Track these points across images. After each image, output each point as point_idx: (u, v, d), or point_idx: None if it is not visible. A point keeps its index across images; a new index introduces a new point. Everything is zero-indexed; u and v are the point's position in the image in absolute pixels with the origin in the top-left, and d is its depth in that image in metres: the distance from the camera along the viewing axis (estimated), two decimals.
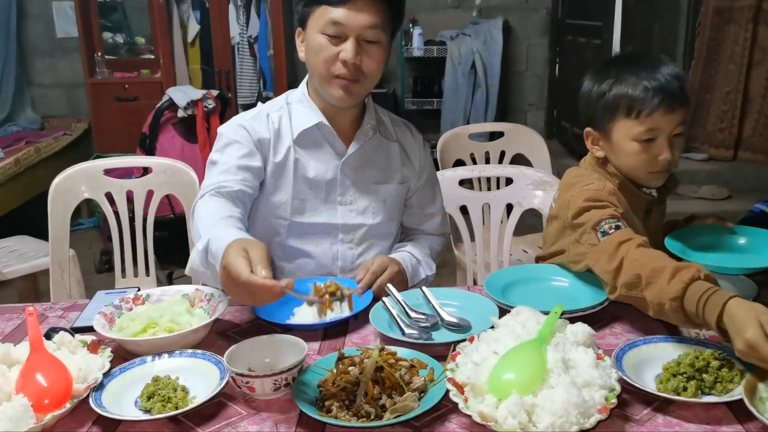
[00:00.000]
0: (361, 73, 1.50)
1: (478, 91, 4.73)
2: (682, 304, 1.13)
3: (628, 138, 1.41)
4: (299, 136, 1.59)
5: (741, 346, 1.02)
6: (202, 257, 1.27)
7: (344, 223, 1.61)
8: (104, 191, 2.29)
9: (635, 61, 1.44)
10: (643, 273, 1.21)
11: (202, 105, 3.56)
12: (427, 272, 1.65)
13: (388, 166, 1.67)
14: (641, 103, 1.37)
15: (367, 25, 1.46)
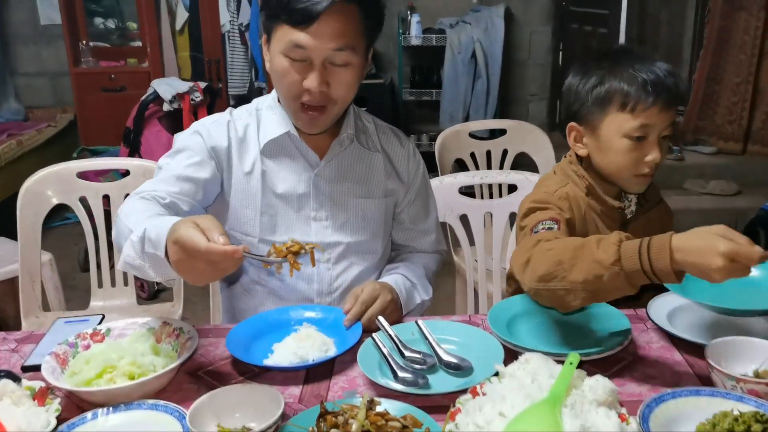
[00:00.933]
0: (329, 100, 1.35)
1: (479, 82, 4.55)
2: (621, 267, 1.05)
3: (619, 133, 1.34)
4: (266, 145, 1.44)
5: (721, 262, 0.97)
6: (137, 248, 1.14)
7: (319, 240, 1.46)
8: (78, 195, 2.14)
9: (628, 54, 1.37)
10: (564, 257, 1.11)
11: (188, 98, 3.39)
12: (423, 296, 1.49)
13: (369, 178, 1.51)
14: (637, 97, 1.31)
15: (334, 48, 1.30)
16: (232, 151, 1.44)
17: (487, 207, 1.98)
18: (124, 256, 1.16)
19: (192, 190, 1.38)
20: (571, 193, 1.41)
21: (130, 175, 2.14)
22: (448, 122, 4.58)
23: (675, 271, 1.02)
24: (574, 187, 1.42)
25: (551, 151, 2.67)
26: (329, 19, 1.27)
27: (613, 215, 1.43)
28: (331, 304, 1.48)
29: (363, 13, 1.32)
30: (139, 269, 1.15)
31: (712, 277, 1.00)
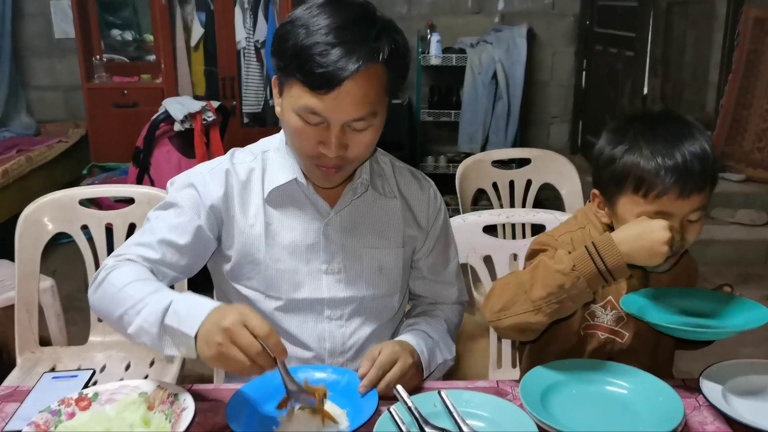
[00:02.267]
0: (346, 160, 1.23)
1: (499, 103, 4.42)
2: (578, 272, 1.14)
3: (634, 215, 1.23)
4: (271, 193, 1.31)
5: (667, 234, 1.13)
6: (158, 317, 1.07)
7: (331, 296, 1.33)
8: (80, 224, 2.03)
9: (655, 127, 1.24)
10: (522, 279, 1.19)
11: (200, 118, 3.28)
12: (446, 355, 1.36)
13: (386, 226, 1.38)
14: (651, 182, 1.20)
15: (355, 118, 1.17)
16: (232, 202, 1.31)
17: (513, 248, 1.84)
18: (139, 320, 1.09)
19: (173, 258, 1.26)
20: (580, 236, 1.32)
21: (134, 203, 2.04)
22: (467, 144, 4.46)
23: (626, 263, 1.14)
24: (593, 231, 1.33)
25: (578, 182, 2.54)
26: (352, 84, 1.12)
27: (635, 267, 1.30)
28: (344, 364, 1.35)
29: (389, 72, 1.18)
30: (151, 337, 1.09)
31: (660, 252, 1.13)
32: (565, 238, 1.33)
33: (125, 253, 1.23)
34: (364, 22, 1.15)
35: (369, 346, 1.35)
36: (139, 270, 1.19)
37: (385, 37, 1.16)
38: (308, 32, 1.13)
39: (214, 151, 3.39)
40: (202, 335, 1.02)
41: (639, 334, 1.33)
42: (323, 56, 1.11)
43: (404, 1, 4.77)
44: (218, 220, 1.31)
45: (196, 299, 1.08)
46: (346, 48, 1.11)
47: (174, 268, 1.27)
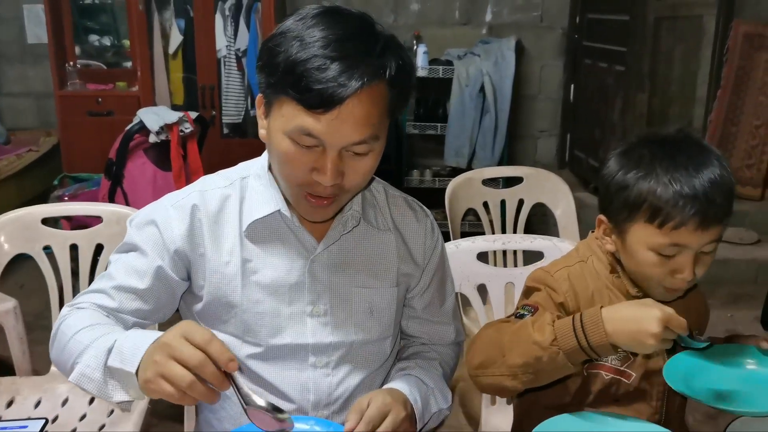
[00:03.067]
0: (341, 190, 1.09)
1: (487, 116, 4.32)
2: (559, 346, 1.06)
3: (645, 246, 1.15)
4: (252, 226, 1.17)
5: (658, 328, 1.01)
6: (101, 359, 0.97)
7: (316, 341, 1.19)
8: (42, 244, 1.89)
9: (672, 152, 1.15)
10: (502, 340, 1.13)
11: (177, 129, 3.13)
12: (441, 404, 1.23)
13: (379, 263, 1.24)
14: (668, 212, 1.11)
15: (355, 141, 1.03)
16: (200, 239, 1.17)
17: (509, 276, 1.72)
18: (81, 366, 0.99)
19: (133, 305, 1.15)
20: (579, 271, 1.24)
21: (102, 222, 1.90)
22: (454, 158, 4.36)
23: (611, 343, 1.05)
24: (597, 263, 1.24)
25: (572, 202, 2.44)
26: (354, 103, 0.99)
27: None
28: (329, 418, 1.21)
29: (393, 92, 1.05)
30: (95, 384, 0.98)
31: (645, 344, 1.03)
32: (562, 274, 1.23)
33: (80, 302, 1.14)
34: (366, 35, 1.03)
35: (357, 396, 1.21)
36: (92, 315, 1.08)
37: (390, 54, 1.03)
38: (303, 44, 0.99)
39: (191, 163, 3.25)
40: (142, 365, 0.91)
41: (648, 375, 1.23)
42: (322, 71, 0.97)
43: (390, 11, 4.66)
44: (184, 261, 1.17)
45: (144, 334, 0.97)
46: (348, 63, 0.98)
47: (136, 315, 1.15)
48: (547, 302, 1.21)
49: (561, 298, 1.21)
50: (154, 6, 4.18)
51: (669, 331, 1.02)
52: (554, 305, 1.21)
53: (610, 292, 1.23)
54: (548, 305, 1.20)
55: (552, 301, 1.21)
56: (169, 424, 2.51)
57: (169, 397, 0.87)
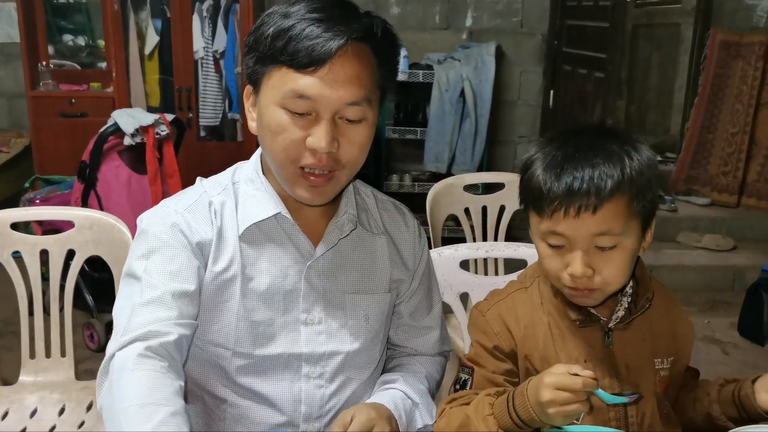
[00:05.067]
0: (337, 164, 1.06)
1: (467, 121, 4.31)
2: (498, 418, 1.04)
3: (537, 235, 1.10)
4: (248, 230, 1.13)
5: (548, 394, 0.96)
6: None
7: (310, 351, 1.15)
8: (10, 250, 1.82)
9: (568, 140, 1.08)
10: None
11: (153, 131, 3.06)
12: (426, 420, 1.19)
13: (373, 268, 1.21)
14: (540, 197, 1.05)
15: (349, 101, 1.02)
16: (214, 244, 1.11)
17: (492, 285, 1.66)
18: None
19: (189, 310, 1.05)
20: (512, 303, 1.18)
21: (74, 227, 1.83)
22: (433, 163, 4.34)
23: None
24: (543, 285, 1.18)
25: None
26: (343, 61, 1.01)
27: (589, 326, 1.15)
28: (320, 430, 1.17)
29: (378, 59, 1.06)
30: None
31: (549, 415, 0.97)
32: (493, 313, 1.18)
33: (132, 329, 0.98)
34: (349, 6, 1.06)
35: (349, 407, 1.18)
36: (149, 380, 0.93)
37: (374, 19, 1.06)
38: (289, 16, 1.03)
39: (167, 166, 3.18)
40: None
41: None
42: (309, 31, 1.00)
43: None
44: (203, 265, 1.11)
45: None
46: (334, 22, 1.01)
47: (191, 320, 1.05)
48: (480, 354, 1.18)
49: (494, 341, 1.16)
50: (130, 6, 4.11)
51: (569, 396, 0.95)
52: (487, 353, 1.16)
53: (551, 318, 1.16)
54: (482, 358, 1.17)
55: (485, 350, 1.17)
56: None
57: None
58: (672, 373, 1.19)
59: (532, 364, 1.15)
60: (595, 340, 1.15)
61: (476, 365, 1.17)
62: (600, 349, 1.14)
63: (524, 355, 1.16)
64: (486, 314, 1.18)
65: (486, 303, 1.22)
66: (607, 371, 1.14)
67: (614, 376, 1.14)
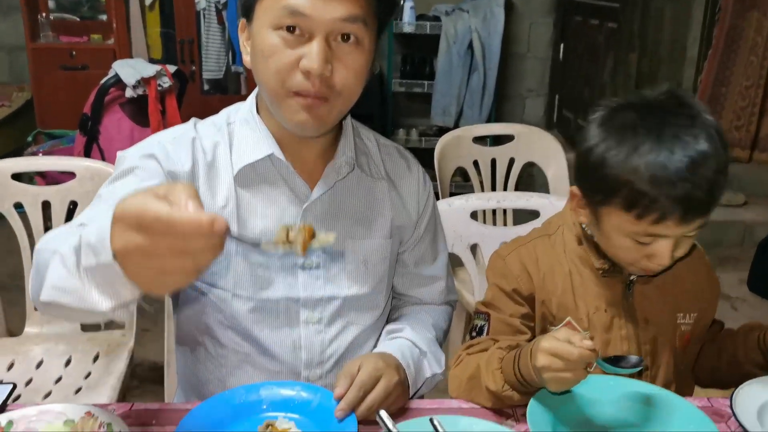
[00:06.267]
0: (331, 89, 1.01)
1: (475, 75, 4.22)
2: (511, 387, 1.01)
3: (621, 233, 1.03)
4: (242, 172, 1.10)
5: (543, 360, 0.92)
6: (70, 262, 0.76)
7: (308, 296, 1.13)
8: (13, 201, 1.79)
9: (661, 127, 0.98)
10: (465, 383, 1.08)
11: (155, 83, 3.01)
12: (435, 369, 1.17)
13: (372, 213, 1.18)
14: (647, 206, 0.97)
15: (342, 17, 0.98)
16: (198, 178, 1.09)
17: (503, 236, 1.65)
18: (51, 278, 0.78)
19: None
20: (533, 249, 1.17)
21: (76, 178, 1.80)
22: (441, 117, 4.27)
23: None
24: (567, 233, 1.15)
25: (564, 162, 2.36)
26: None
27: (610, 275, 1.13)
28: (322, 376, 1.15)
29: None
30: (74, 294, 0.76)
31: (544, 380, 0.94)
32: (513, 257, 1.16)
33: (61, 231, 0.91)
34: None
35: (351, 354, 1.16)
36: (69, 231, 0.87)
37: None
38: None
39: (170, 120, 3.13)
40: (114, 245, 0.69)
41: None
42: None
43: None
44: None
45: (106, 218, 0.72)
46: None
47: None
48: (498, 297, 1.16)
49: (513, 284, 1.14)
50: None
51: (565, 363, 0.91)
52: (506, 296, 1.15)
53: (573, 266, 1.14)
54: (500, 301, 1.15)
55: (503, 293, 1.15)
56: (149, 386, 2.45)
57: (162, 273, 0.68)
58: (694, 329, 1.17)
59: (549, 310, 1.14)
60: (616, 291, 1.13)
61: (493, 310, 1.16)
62: (620, 300, 1.13)
63: (542, 300, 1.14)
64: (506, 258, 1.17)
65: (507, 248, 1.20)
66: (625, 322, 1.12)
67: (632, 328, 1.12)
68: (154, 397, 2.34)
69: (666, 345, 1.14)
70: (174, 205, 0.66)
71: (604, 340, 1.12)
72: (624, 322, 1.12)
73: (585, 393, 1.02)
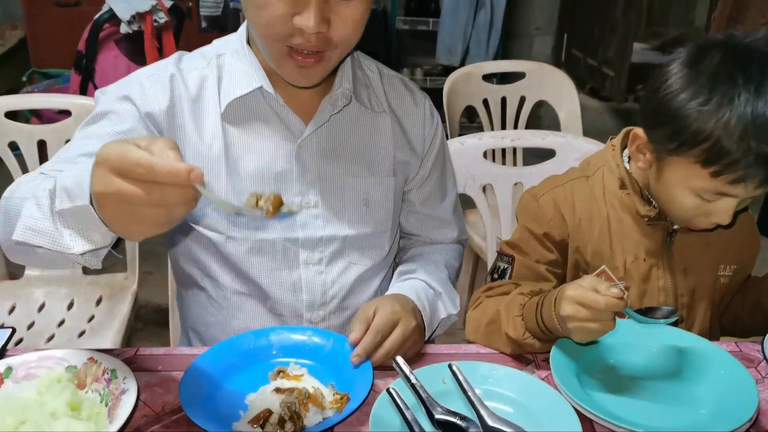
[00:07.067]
0: (328, 44, 0.95)
1: (481, 12, 4.07)
2: (533, 335, 0.96)
3: (686, 187, 0.96)
4: (230, 107, 1.04)
5: (568, 309, 0.87)
6: (44, 205, 0.77)
7: (307, 236, 1.08)
8: (7, 140, 1.73)
9: (760, 78, 0.88)
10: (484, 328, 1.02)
11: (150, 19, 2.89)
12: (450, 310, 1.12)
13: (374, 149, 1.12)
14: (730, 165, 0.89)
15: None
16: (179, 116, 1.03)
17: (517, 176, 1.59)
18: (24, 219, 0.78)
19: None
20: (570, 192, 1.09)
21: (71, 117, 1.74)
22: (446, 56, 4.14)
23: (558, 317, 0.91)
24: (608, 175, 1.08)
25: (576, 101, 2.28)
26: None
27: (652, 222, 1.07)
28: (325, 318, 1.12)
29: None
30: (47, 236, 0.77)
31: (569, 330, 0.89)
32: (547, 200, 1.10)
33: (32, 177, 0.92)
34: None
35: (354, 295, 1.12)
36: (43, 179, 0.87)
37: None
38: None
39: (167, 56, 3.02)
40: (93, 188, 0.70)
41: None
42: None
43: None
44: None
45: (83, 164, 0.76)
46: None
47: None
48: (527, 241, 1.10)
49: (544, 228, 1.09)
50: None
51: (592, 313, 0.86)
52: (535, 240, 1.10)
53: (612, 211, 1.08)
54: (528, 244, 1.10)
55: (533, 237, 1.10)
56: (154, 329, 2.44)
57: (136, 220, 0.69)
58: (732, 282, 1.13)
59: (583, 258, 1.09)
60: (656, 239, 1.07)
61: (518, 253, 1.11)
62: (660, 249, 1.07)
63: (576, 246, 1.09)
64: (540, 199, 1.11)
65: (541, 188, 1.14)
66: (663, 273, 1.08)
67: (670, 278, 1.08)
68: (159, 340, 2.33)
69: (704, 297, 1.10)
70: (155, 155, 0.67)
71: (640, 291, 1.07)
72: (662, 273, 1.07)
73: (611, 340, 0.97)
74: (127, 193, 0.66)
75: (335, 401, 0.86)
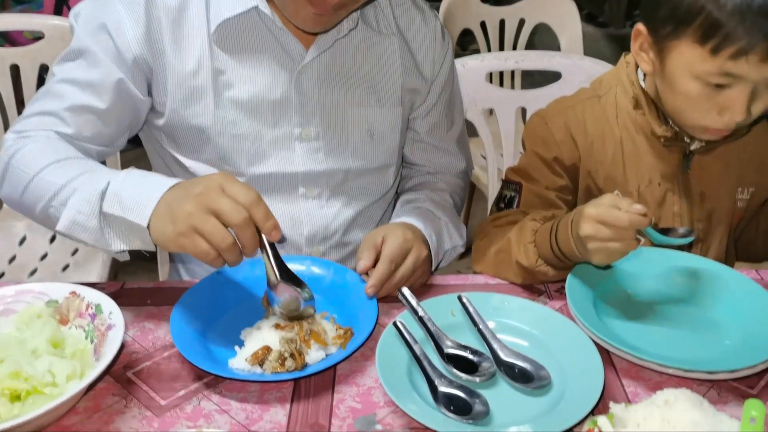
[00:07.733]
0: None
1: None
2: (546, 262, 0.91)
3: (690, 73, 0.88)
4: (221, 29, 0.94)
5: (588, 229, 0.81)
6: (94, 207, 0.80)
7: (307, 170, 1.01)
8: None
9: None
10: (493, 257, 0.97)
11: None
12: (456, 241, 1.06)
13: (380, 76, 1.03)
14: (728, 34, 0.83)
15: None
16: (159, 41, 0.94)
17: (521, 99, 1.51)
18: (71, 212, 0.82)
19: (94, 130, 0.95)
20: (581, 113, 1.02)
21: (44, 39, 1.62)
22: None
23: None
24: (621, 95, 1.01)
25: (579, 24, 2.17)
26: None
27: (669, 143, 1.00)
28: (325, 254, 1.05)
29: None
30: (91, 233, 0.82)
31: (588, 250, 0.83)
32: (557, 122, 1.02)
33: (28, 129, 0.93)
34: None
35: (357, 229, 1.06)
36: (52, 146, 0.90)
37: None
38: None
39: None
40: (163, 216, 0.76)
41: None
42: None
43: None
44: (145, 71, 0.95)
45: (146, 179, 0.81)
46: None
47: (96, 141, 0.96)
48: (535, 166, 1.04)
49: (554, 152, 1.03)
50: None
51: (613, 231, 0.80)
52: (544, 165, 1.03)
53: (625, 133, 1.01)
54: (537, 170, 1.03)
55: (542, 162, 1.03)
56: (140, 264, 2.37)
57: (201, 255, 0.74)
58: (749, 206, 1.07)
59: (595, 182, 1.03)
60: (672, 162, 1.01)
61: (526, 180, 1.04)
62: (675, 173, 1.01)
63: (587, 170, 1.03)
64: (549, 122, 1.03)
65: (550, 109, 1.06)
66: (679, 198, 1.02)
67: (686, 203, 1.02)
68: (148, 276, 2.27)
69: (721, 222, 1.05)
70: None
71: (654, 216, 1.01)
72: (678, 198, 1.01)
73: (627, 267, 0.92)
74: (200, 252, 0.73)
75: (338, 336, 0.80)
